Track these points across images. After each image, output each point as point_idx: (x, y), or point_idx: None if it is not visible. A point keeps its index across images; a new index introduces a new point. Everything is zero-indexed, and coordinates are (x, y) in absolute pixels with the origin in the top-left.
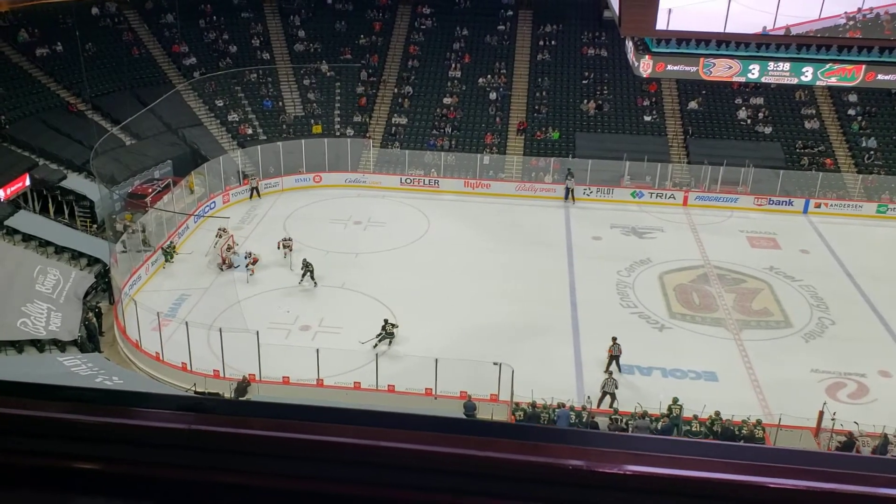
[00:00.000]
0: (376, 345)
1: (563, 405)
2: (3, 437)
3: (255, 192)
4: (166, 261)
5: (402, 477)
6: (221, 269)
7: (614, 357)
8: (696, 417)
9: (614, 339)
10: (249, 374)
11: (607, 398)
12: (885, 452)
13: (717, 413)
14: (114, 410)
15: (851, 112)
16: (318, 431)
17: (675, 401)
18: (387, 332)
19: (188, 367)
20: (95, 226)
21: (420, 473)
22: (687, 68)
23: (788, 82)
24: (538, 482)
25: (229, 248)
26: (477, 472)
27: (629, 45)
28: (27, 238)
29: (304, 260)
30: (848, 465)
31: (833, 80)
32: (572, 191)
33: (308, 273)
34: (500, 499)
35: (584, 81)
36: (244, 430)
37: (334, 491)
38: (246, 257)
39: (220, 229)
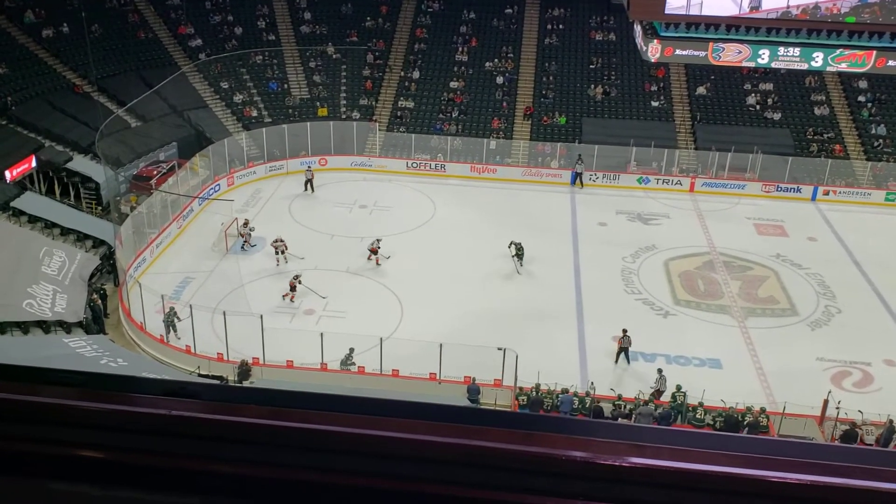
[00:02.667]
0: (521, 265)
1: (567, 391)
2: None
3: (309, 184)
4: (172, 331)
5: (393, 466)
6: (243, 248)
7: (623, 349)
8: (701, 405)
9: (625, 330)
10: (253, 358)
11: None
12: (889, 441)
13: (723, 401)
14: (93, 395)
15: (861, 99)
16: (304, 419)
17: (679, 388)
18: (518, 249)
19: (192, 350)
20: (101, 207)
21: (411, 463)
22: (696, 53)
23: (798, 68)
24: (532, 473)
25: (245, 224)
26: (470, 462)
27: (638, 29)
28: (33, 219)
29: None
30: (854, 458)
31: (843, 65)
32: (580, 175)
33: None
34: (493, 490)
35: (591, 66)
36: (227, 417)
37: (320, 480)
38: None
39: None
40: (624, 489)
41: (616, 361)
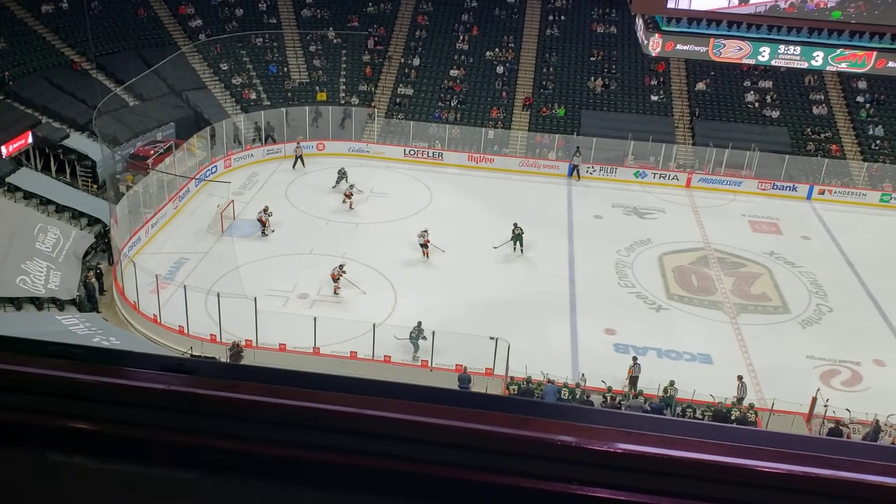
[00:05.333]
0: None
1: (553, 381)
2: None
3: (299, 160)
4: None
5: (388, 447)
6: (264, 234)
7: (634, 378)
8: (690, 405)
9: (634, 358)
10: (246, 340)
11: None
12: (875, 440)
13: (712, 395)
14: (90, 368)
15: (860, 99)
16: (301, 397)
17: (672, 383)
18: (515, 235)
19: (185, 331)
20: (96, 186)
21: (406, 443)
22: (696, 48)
23: (798, 66)
24: (526, 457)
25: (265, 210)
26: (465, 445)
27: (639, 22)
28: (28, 196)
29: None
30: (842, 451)
31: (843, 65)
32: (578, 168)
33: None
34: (488, 472)
35: (592, 58)
36: (227, 393)
37: (315, 458)
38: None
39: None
40: (618, 475)
41: (630, 391)
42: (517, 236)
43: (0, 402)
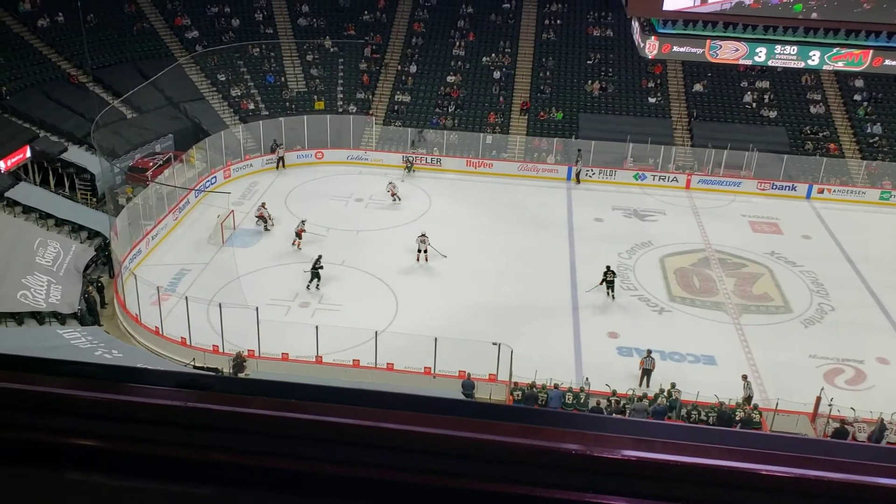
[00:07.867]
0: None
1: (558, 386)
2: None
3: (280, 161)
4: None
5: (405, 459)
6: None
7: (647, 371)
8: (695, 407)
9: (649, 351)
10: (248, 350)
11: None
12: (881, 438)
13: (717, 395)
14: (108, 386)
15: (857, 97)
16: (315, 411)
17: (674, 385)
18: (606, 280)
19: (187, 342)
20: (96, 199)
21: (423, 456)
22: (693, 50)
23: (795, 66)
24: (536, 466)
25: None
26: (480, 456)
27: (635, 25)
28: (27, 210)
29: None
30: (847, 453)
31: (840, 64)
32: (578, 172)
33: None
34: (503, 483)
35: (588, 62)
36: (242, 409)
37: (330, 472)
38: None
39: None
40: (632, 483)
41: (640, 384)
42: (609, 282)
43: (16, 421)
